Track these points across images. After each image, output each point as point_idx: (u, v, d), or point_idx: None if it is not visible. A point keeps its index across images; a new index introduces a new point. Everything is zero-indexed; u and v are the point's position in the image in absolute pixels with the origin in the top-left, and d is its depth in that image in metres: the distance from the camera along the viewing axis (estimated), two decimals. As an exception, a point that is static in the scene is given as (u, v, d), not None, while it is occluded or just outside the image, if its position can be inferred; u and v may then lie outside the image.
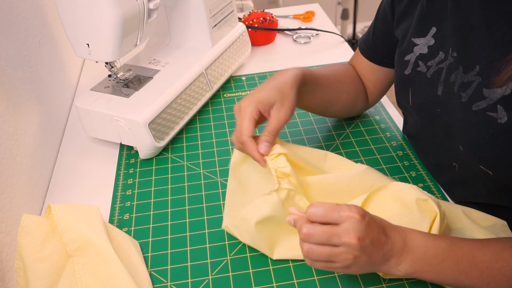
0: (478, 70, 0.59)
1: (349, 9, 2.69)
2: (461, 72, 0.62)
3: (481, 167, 0.61)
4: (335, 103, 0.83)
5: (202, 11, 0.98)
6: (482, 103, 0.58)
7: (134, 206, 0.77)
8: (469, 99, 0.60)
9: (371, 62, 0.84)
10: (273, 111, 0.65)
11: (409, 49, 0.71)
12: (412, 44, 0.70)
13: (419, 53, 0.69)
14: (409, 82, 0.72)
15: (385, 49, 0.81)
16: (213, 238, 0.71)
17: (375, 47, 0.83)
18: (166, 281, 0.65)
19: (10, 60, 0.78)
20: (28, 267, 0.60)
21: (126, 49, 0.81)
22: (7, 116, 0.74)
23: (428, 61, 0.67)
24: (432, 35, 0.67)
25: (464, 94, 0.61)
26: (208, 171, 0.83)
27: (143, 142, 0.83)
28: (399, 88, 0.75)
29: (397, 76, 0.75)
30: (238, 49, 1.09)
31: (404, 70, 0.72)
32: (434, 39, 0.67)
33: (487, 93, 0.58)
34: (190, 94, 0.92)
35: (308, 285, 0.63)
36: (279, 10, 1.42)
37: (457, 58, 0.63)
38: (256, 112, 0.64)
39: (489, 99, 0.58)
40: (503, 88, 0.56)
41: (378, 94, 0.88)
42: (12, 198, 0.71)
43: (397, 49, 0.75)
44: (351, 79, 0.85)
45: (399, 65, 0.74)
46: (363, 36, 0.85)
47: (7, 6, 0.80)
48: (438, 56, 0.66)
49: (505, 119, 0.56)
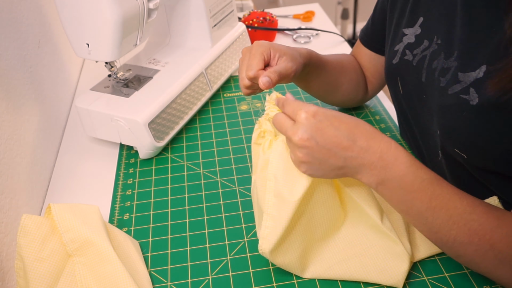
0: (456, 55, 0.61)
1: (349, 9, 2.69)
2: (442, 58, 0.64)
3: (456, 150, 0.62)
4: (337, 88, 0.85)
5: (202, 11, 0.98)
6: (457, 86, 0.60)
7: (134, 206, 0.77)
8: (446, 83, 0.62)
9: (370, 50, 0.86)
10: (281, 60, 0.67)
11: (399, 40, 0.73)
12: (402, 35, 0.72)
13: (407, 42, 0.71)
14: (397, 71, 0.73)
15: (383, 37, 0.82)
16: (213, 238, 0.71)
17: (373, 36, 0.85)
18: (166, 281, 0.65)
19: (10, 60, 0.78)
20: (28, 267, 0.60)
21: (126, 49, 0.81)
22: (7, 116, 0.74)
23: (414, 50, 0.70)
24: (419, 24, 0.69)
25: (443, 79, 0.63)
26: (208, 171, 0.83)
27: (143, 142, 0.83)
28: (389, 78, 0.77)
29: (386, 66, 0.77)
30: (238, 49, 1.09)
31: (392, 60, 0.74)
32: (421, 29, 0.69)
33: (462, 77, 0.60)
34: (190, 94, 0.92)
35: (308, 285, 0.63)
36: (279, 10, 1.42)
37: (440, 45, 0.65)
38: (267, 53, 0.66)
39: (463, 83, 0.59)
40: (476, 72, 0.58)
41: (376, 85, 0.90)
42: (12, 198, 0.71)
43: (387, 40, 0.77)
44: (353, 67, 0.87)
45: (388, 55, 0.76)
46: (364, 26, 0.88)
47: (7, 6, 0.80)
48: (423, 44, 0.68)
49: (476, 101, 0.57)
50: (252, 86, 0.67)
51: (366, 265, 0.62)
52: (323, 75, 0.80)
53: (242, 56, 0.69)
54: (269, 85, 0.63)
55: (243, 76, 0.67)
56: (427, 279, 0.62)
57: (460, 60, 0.61)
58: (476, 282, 0.61)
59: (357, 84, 0.87)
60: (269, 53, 0.67)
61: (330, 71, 0.81)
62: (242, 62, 0.68)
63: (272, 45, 0.68)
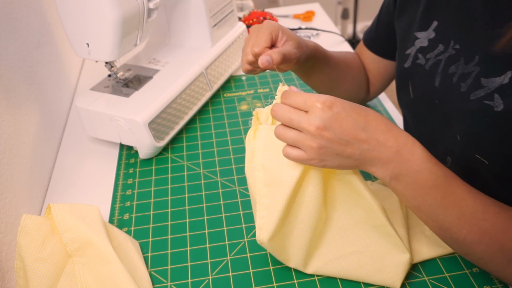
0: (477, 60, 0.60)
1: (349, 8, 2.69)
2: (462, 63, 0.62)
3: (477, 156, 0.61)
4: (340, 85, 0.85)
5: (202, 10, 0.98)
6: (480, 91, 0.59)
7: (134, 206, 0.77)
8: (468, 88, 0.61)
9: (373, 53, 0.86)
10: (288, 44, 0.68)
11: (411, 43, 0.72)
12: (414, 38, 0.71)
13: (419, 46, 0.70)
14: (408, 75, 0.72)
15: (387, 40, 0.82)
16: (213, 238, 0.70)
17: (377, 38, 0.84)
18: (166, 281, 0.65)
19: (9, 60, 0.78)
20: (28, 267, 0.60)
21: (126, 48, 0.81)
22: (7, 116, 0.74)
23: (427, 54, 0.68)
24: (433, 28, 0.68)
25: (464, 84, 0.62)
26: (208, 171, 0.83)
27: (143, 142, 0.83)
28: (400, 81, 0.76)
29: (397, 70, 0.76)
30: (238, 49, 1.09)
31: (404, 64, 0.73)
32: (435, 33, 0.68)
33: (485, 82, 0.58)
34: (190, 94, 0.92)
35: (308, 285, 0.63)
36: (279, 10, 1.42)
37: (459, 50, 0.63)
38: (276, 34, 0.67)
39: (486, 88, 0.58)
40: (501, 77, 0.56)
41: (378, 87, 0.90)
42: (12, 198, 0.71)
43: (398, 44, 0.76)
44: (357, 65, 0.87)
45: (400, 59, 0.75)
46: (368, 28, 0.88)
47: (7, 6, 0.80)
48: (438, 48, 0.67)
49: (501, 107, 0.56)
50: (254, 63, 0.67)
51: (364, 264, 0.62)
52: (327, 70, 0.80)
53: (250, 34, 0.69)
54: (268, 64, 0.63)
55: (247, 51, 0.66)
56: (427, 279, 0.62)
57: (483, 65, 0.59)
58: (477, 282, 0.61)
59: (359, 83, 0.87)
60: (277, 34, 0.67)
61: (334, 66, 0.81)
62: (249, 38, 0.68)
63: (281, 27, 0.68)
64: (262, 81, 1.07)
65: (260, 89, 1.05)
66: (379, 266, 0.61)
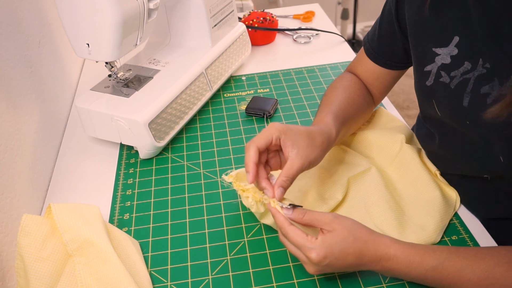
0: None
1: (349, 9, 2.69)
2: (497, 84, 0.59)
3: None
4: (354, 128, 0.84)
5: (202, 11, 0.98)
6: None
7: (134, 206, 0.77)
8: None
9: (376, 64, 0.81)
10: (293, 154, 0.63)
11: (430, 60, 0.68)
12: (433, 54, 0.67)
13: (441, 63, 0.66)
14: (432, 93, 0.69)
15: (390, 52, 0.79)
16: (213, 238, 0.71)
17: (380, 48, 0.80)
18: (166, 281, 0.65)
19: (10, 60, 0.78)
20: (28, 267, 0.60)
21: (126, 49, 0.81)
22: (7, 116, 0.74)
23: (452, 72, 0.65)
24: (455, 44, 0.64)
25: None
26: (208, 171, 0.83)
27: (143, 142, 0.83)
28: (423, 99, 0.73)
29: (418, 87, 0.72)
30: (238, 49, 1.09)
31: (425, 81, 0.69)
32: (458, 49, 0.64)
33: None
34: (190, 94, 0.92)
35: (308, 285, 0.63)
36: (279, 10, 1.42)
37: (490, 70, 0.60)
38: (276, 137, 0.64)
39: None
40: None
41: (380, 98, 0.86)
42: (12, 198, 0.71)
43: (414, 59, 0.72)
44: (365, 100, 0.83)
45: (419, 75, 0.71)
46: (369, 35, 0.82)
47: (7, 6, 0.80)
48: (463, 66, 0.63)
49: None
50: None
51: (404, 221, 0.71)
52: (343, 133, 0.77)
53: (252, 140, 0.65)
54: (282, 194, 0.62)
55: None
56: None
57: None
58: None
59: (369, 112, 0.85)
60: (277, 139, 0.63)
61: (349, 125, 0.78)
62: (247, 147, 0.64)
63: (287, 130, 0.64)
64: (262, 81, 1.08)
65: (260, 89, 1.05)
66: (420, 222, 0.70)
